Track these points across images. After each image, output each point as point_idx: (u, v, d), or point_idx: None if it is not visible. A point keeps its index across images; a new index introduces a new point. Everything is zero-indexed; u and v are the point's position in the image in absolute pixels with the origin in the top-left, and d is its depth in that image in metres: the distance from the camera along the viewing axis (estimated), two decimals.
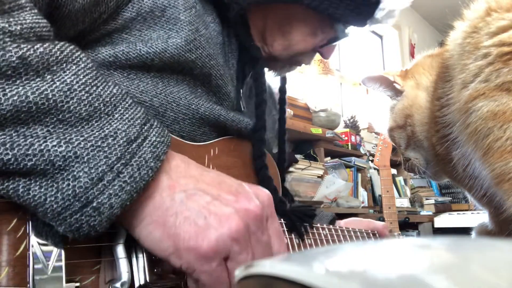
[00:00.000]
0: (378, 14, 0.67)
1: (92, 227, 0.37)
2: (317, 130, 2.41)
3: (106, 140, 0.38)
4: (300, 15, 0.67)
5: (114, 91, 0.41)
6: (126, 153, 0.39)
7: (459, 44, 0.59)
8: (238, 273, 0.21)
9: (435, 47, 0.84)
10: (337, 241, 0.72)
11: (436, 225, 2.98)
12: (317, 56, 0.75)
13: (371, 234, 0.83)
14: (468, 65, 0.56)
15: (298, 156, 2.28)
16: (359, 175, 2.81)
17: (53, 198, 0.36)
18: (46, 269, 0.38)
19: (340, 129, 2.78)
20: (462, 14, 0.61)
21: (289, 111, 2.32)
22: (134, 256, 0.43)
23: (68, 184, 0.36)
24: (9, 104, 0.35)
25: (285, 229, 0.63)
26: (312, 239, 0.67)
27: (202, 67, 0.55)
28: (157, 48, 0.51)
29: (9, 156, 0.35)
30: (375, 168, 2.89)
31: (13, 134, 0.35)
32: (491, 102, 0.52)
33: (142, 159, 0.39)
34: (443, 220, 2.98)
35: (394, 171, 3.09)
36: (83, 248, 0.41)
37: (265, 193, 0.46)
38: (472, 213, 2.88)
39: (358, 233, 0.80)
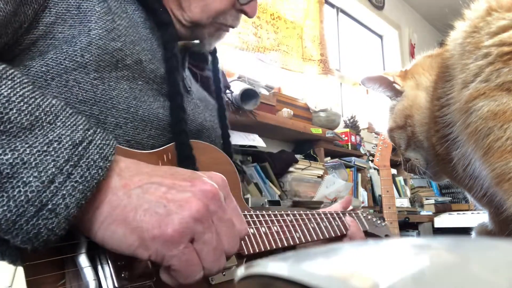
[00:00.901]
0: None
1: (50, 230, 0.37)
2: (317, 130, 2.41)
3: (52, 145, 0.38)
4: None
5: (53, 102, 0.41)
6: (73, 155, 0.39)
7: (460, 44, 0.59)
8: (239, 273, 0.20)
9: (435, 47, 0.84)
10: (302, 225, 0.75)
11: (436, 225, 2.98)
12: (317, 56, 0.75)
13: (335, 214, 0.85)
14: (468, 64, 0.56)
15: (298, 156, 2.28)
16: (359, 175, 2.80)
17: (5, 208, 0.35)
18: None
19: (340, 129, 2.78)
20: (462, 14, 0.61)
21: (289, 111, 2.32)
22: (99, 264, 0.43)
23: (19, 191, 0.36)
24: None
25: (252, 220, 0.64)
26: (278, 226, 0.69)
27: (131, 54, 0.56)
28: (82, 43, 0.52)
29: None
30: (375, 168, 2.89)
31: None
32: (491, 102, 0.52)
33: (90, 159, 0.40)
34: (443, 220, 2.98)
35: (394, 171, 3.09)
36: (44, 263, 0.40)
37: (218, 175, 0.47)
38: (472, 213, 2.88)
39: (323, 215, 0.81)
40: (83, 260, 0.42)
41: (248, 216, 0.64)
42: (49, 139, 0.39)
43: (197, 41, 0.76)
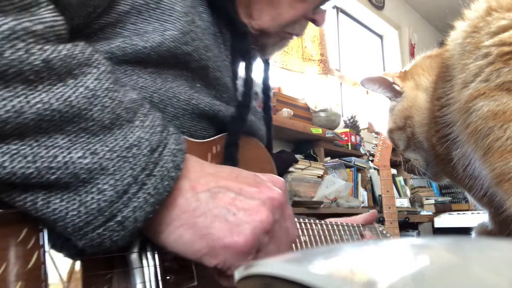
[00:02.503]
0: None
1: (114, 242, 0.36)
2: (317, 130, 2.41)
3: (131, 150, 0.37)
4: None
5: (134, 96, 0.40)
6: (150, 163, 0.37)
7: (460, 44, 0.59)
8: (238, 273, 0.20)
9: (435, 47, 0.84)
10: (328, 236, 0.74)
11: (436, 225, 2.98)
12: (317, 56, 0.75)
13: (356, 227, 0.85)
14: (468, 64, 0.56)
15: (298, 156, 2.28)
16: (359, 175, 2.81)
17: (75, 213, 0.34)
18: (63, 283, 0.36)
19: (340, 129, 2.78)
20: (462, 14, 0.61)
21: (289, 111, 2.32)
22: (147, 265, 0.42)
23: (92, 198, 0.35)
24: (33, 113, 0.32)
25: None
26: (306, 236, 0.68)
27: (199, 60, 0.54)
28: (153, 42, 0.49)
29: (31, 170, 0.33)
30: (375, 168, 2.89)
31: (34, 145, 0.33)
32: (491, 102, 0.52)
33: (164, 168, 0.38)
34: (443, 220, 2.98)
35: (394, 171, 3.09)
36: (96, 258, 0.40)
37: (279, 179, 0.46)
38: (472, 213, 2.88)
39: (346, 227, 0.81)
40: (134, 260, 0.41)
41: None
42: (129, 142, 0.37)
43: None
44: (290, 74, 2.71)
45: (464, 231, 2.66)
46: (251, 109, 0.67)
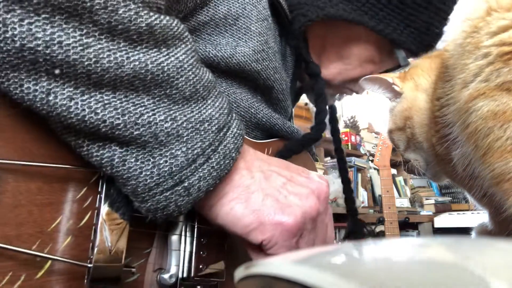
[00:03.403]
0: (440, 45, 0.66)
1: (177, 207, 0.38)
2: None
3: (203, 124, 0.39)
4: (362, 38, 0.65)
5: (210, 77, 0.42)
6: (216, 140, 0.40)
7: (459, 44, 0.59)
8: (238, 273, 0.21)
9: None
10: None
11: (436, 225, 2.98)
12: None
13: None
14: (468, 64, 0.56)
15: None
16: (359, 175, 2.81)
17: (148, 173, 0.36)
18: (108, 246, 0.37)
19: (340, 129, 2.78)
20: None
21: None
22: (184, 249, 0.44)
23: (166, 161, 0.37)
24: (130, 68, 0.35)
25: None
26: None
27: (265, 79, 0.56)
28: (225, 53, 0.51)
29: (119, 121, 0.35)
30: (375, 168, 2.89)
31: (123, 99, 0.36)
32: (491, 102, 0.52)
33: (226, 148, 0.40)
34: (443, 220, 2.98)
35: (394, 171, 3.09)
36: (140, 232, 0.42)
37: (324, 177, 0.48)
38: (472, 213, 2.88)
39: None
40: (175, 241, 0.44)
41: None
42: (202, 117, 0.40)
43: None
44: None
45: (464, 231, 2.66)
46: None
